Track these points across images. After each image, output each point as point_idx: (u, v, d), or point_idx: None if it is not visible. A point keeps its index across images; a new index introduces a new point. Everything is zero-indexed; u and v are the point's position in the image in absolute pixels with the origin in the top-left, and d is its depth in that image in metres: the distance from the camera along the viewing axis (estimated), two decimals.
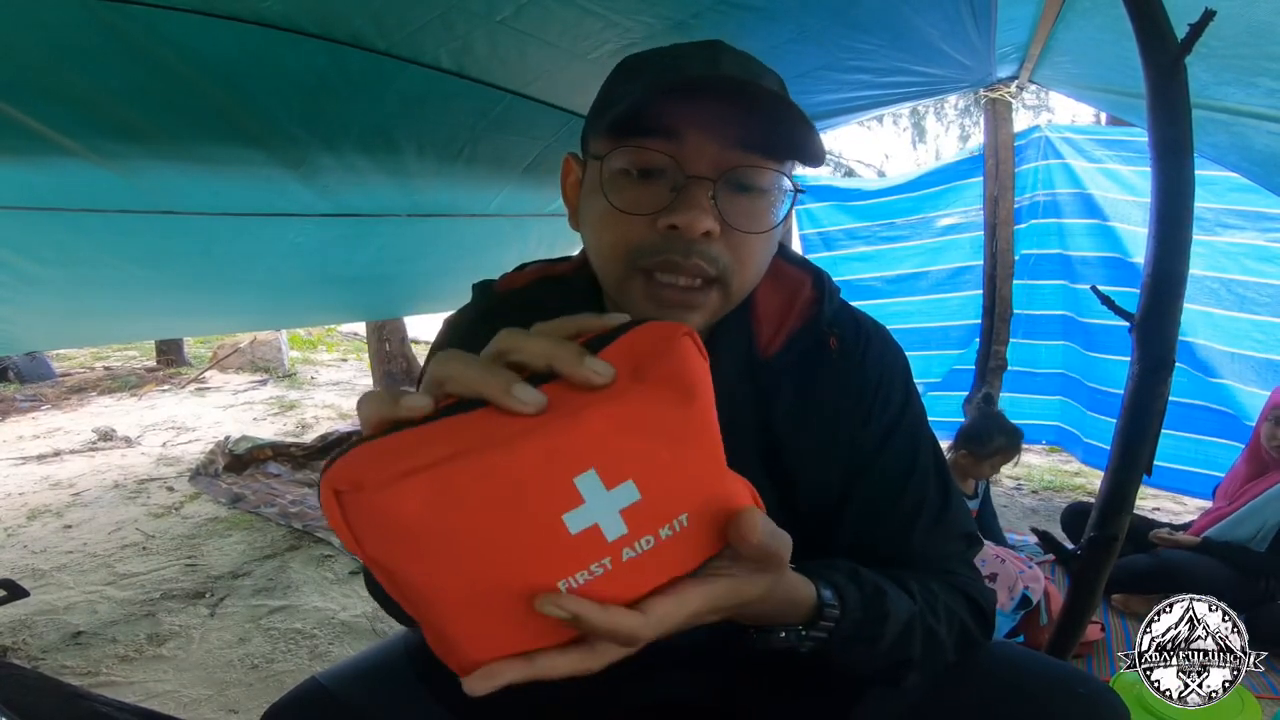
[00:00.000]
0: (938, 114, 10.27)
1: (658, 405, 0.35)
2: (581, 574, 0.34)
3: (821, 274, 0.66)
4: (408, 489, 0.30)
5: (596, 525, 0.34)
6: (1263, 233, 2.50)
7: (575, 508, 0.33)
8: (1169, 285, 1.05)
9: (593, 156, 0.56)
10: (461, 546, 0.32)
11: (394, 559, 0.32)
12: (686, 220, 0.51)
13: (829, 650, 0.51)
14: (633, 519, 0.34)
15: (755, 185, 0.54)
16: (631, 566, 0.35)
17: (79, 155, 1.22)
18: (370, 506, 0.31)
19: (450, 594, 0.33)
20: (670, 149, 0.52)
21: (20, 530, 2.66)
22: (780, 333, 0.63)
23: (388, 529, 0.31)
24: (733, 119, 0.52)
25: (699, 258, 0.52)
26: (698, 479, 0.37)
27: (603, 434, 0.34)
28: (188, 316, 2.50)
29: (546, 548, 0.33)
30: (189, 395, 5.42)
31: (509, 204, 2.08)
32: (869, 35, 1.52)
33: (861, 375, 0.63)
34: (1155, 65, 1.00)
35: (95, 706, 1.30)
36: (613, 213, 0.53)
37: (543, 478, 0.33)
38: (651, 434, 0.35)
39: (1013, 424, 2.18)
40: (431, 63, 1.32)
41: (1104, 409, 3.00)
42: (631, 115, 0.51)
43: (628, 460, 0.34)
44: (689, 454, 0.37)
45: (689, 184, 0.52)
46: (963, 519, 0.64)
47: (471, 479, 0.31)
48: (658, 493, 0.35)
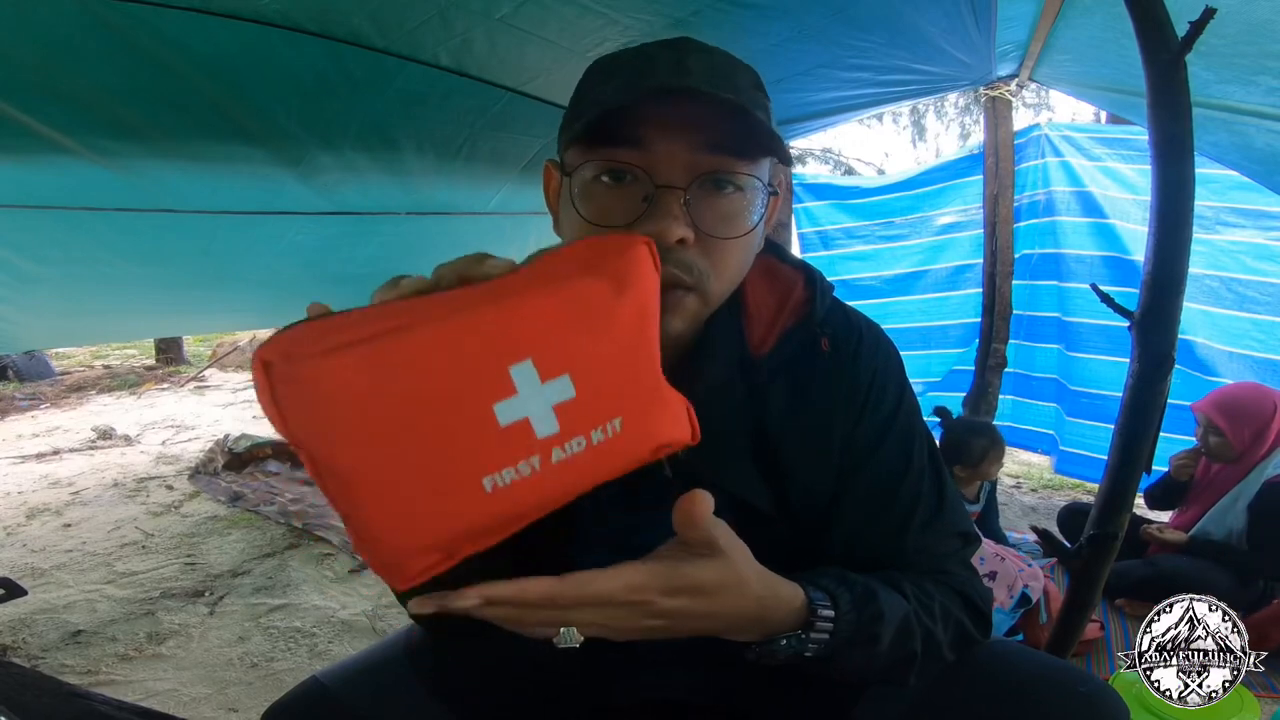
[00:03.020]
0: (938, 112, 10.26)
1: (598, 295, 0.35)
2: (508, 471, 0.33)
3: (814, 273, 0.65)
4: (338, 362, 0.29)
5: (527, 420, 0.33)
6: (1263, 231, 2.49)
7: (507, 398, 0.32)
8: (1169, 283, 1.05)
9: (565, 169, 0.56)
10: (389, 429, 0.30)
11: (319, 438, 0.30)
12: (659, 229, 0.50)
13: (832, 656, 0.51)
14: (565, 416, 0.34)
15: (729, 187, 0.54)
16: (561, 470, 0.34)
17: (77, 154, 1.21)
18: (299, 379, 0.29)
19: (374, 479, 0.31)
20: (638, 158, 0.51)
21: (19, 529, 2.66)
22: (772, 332, 0.63)
23: (315, 404, 0.30)
24: (699, 122, 0.51)
25: (673, 265, 0.51)
26: (635, 381, 0.37)
27: (542, 318, 0.33)
28: (187, 315, 2.51)
29: (474, 438, 0.32)
30: (188, 393, 5.41)
31: (508, 202, 2.08)
32: (869, 33, 1.52)
33: (854, 374, 0.62)
34: (1156, 63, 1.00)
35: (95, 705, 1.31)
36: (585, 225, 0.53)
37: (477, 361, 0.32)
38: (591, 323, 0.35)
39: (982, 421, 2.17)
40: (430, 61, 1.32)
41: (1083, 412, 2.97)
42: (598, 126, 0.51)
43: (566, 353, 0.34)
44: (628, 353, 0.36)
45: (659, 193, 0.51)
46: (959, 518, 0.64)
47: (404, 355, 0.30)
48: (593, 391, 0.34)
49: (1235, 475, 1.97)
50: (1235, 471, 1.97)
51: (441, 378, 0.31)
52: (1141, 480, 1.16)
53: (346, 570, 2.27)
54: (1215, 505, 1.99)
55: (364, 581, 2.19)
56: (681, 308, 0.54)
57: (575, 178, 0.54)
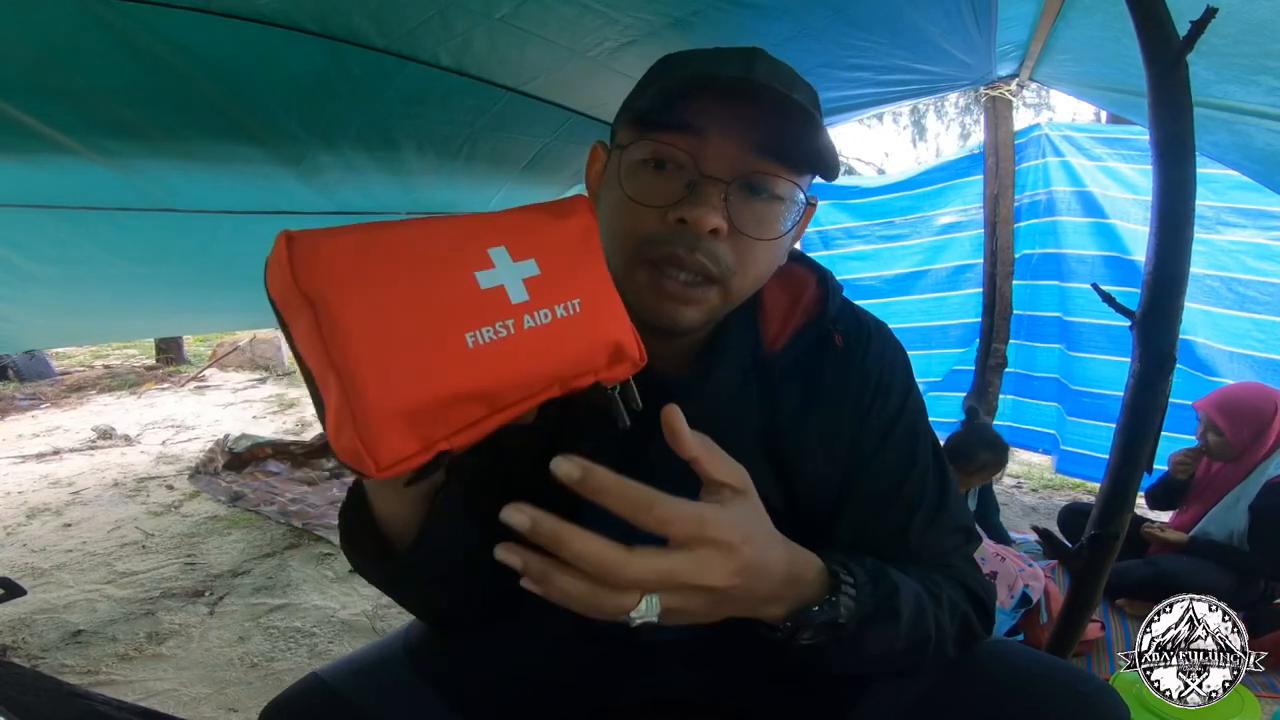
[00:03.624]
0: (938, 112, 10.26)
1: (549, 216, 0.45)
2: (487, 330, 0.38)
3: (826, 273, 0.67)
4: (345, 239, 0.37)
5: (503, 287, 0.40)
6: (1263, 231, 2.49)
7: (486, 269, 0.39)
8: (1170, 282, 1.04)
9: (616, 146, 0.57)
10: (382, 282, 0.36)
11: (321, 284, 0.35)
12: (696, 215, 0.51)
13: (859, 633, 0.50)
14: (534, 288, 0.41)
15: (768, 192, 0.55)
16: (533, 336, 0.40)
17: (78, 153, 1.21)
18: (312, 243, 0.36)
19: (367, 323, 0.36)
20: (690, 146, 0.53)
21: (20, 529, 2.66)
22: (785, 330, 0.64)
23: (321, 259, 0.36)
24: (755, 124, 0.52)
25: (703, 254, 0.53)
26: (588, 274, 0.44)
27: (511, 223, 0.43)
28: (187, 314, 2.51)
29: (458, 296, 0.38)
30: (188, 393, 5.41)
31: (508, 201, 2.07)
32: (869, 33, 1.52)
33: (862, 372, 0.64)
34: (1157, 63, 0.99)
35: (95, 705, 1.30)
36: (627, 202, 0.55)
37: (460, 242, 0.40)
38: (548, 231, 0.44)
39: (998, 437, 2.18)
40: (430, 60, 1.32)
41: (1084, 411, 2.98)
42: (658, 107, 0.52)
43: (531, 244, 0.42)
44: (579, 253, 0.45)
45: (703, 182, 0.52)
46: (961, 514, 0.65)
47: (401, 236, 0.38)
48: (555, 273, 0.42)
49: (1236, 475, 1.96)
50: (1236, 471, 1.97)
51: (431, 248, 0.39)
52: (1143, 480, 1.15)
53: (347, 570, 2.27)
54: (1216, 505, 1.99)
55: (363, 581, 2.17)
56: (703, 300, 0.55)
57: (625, 156, 0.55)
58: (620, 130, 0.58)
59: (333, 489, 3.06)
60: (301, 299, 0.35)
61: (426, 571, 0.55)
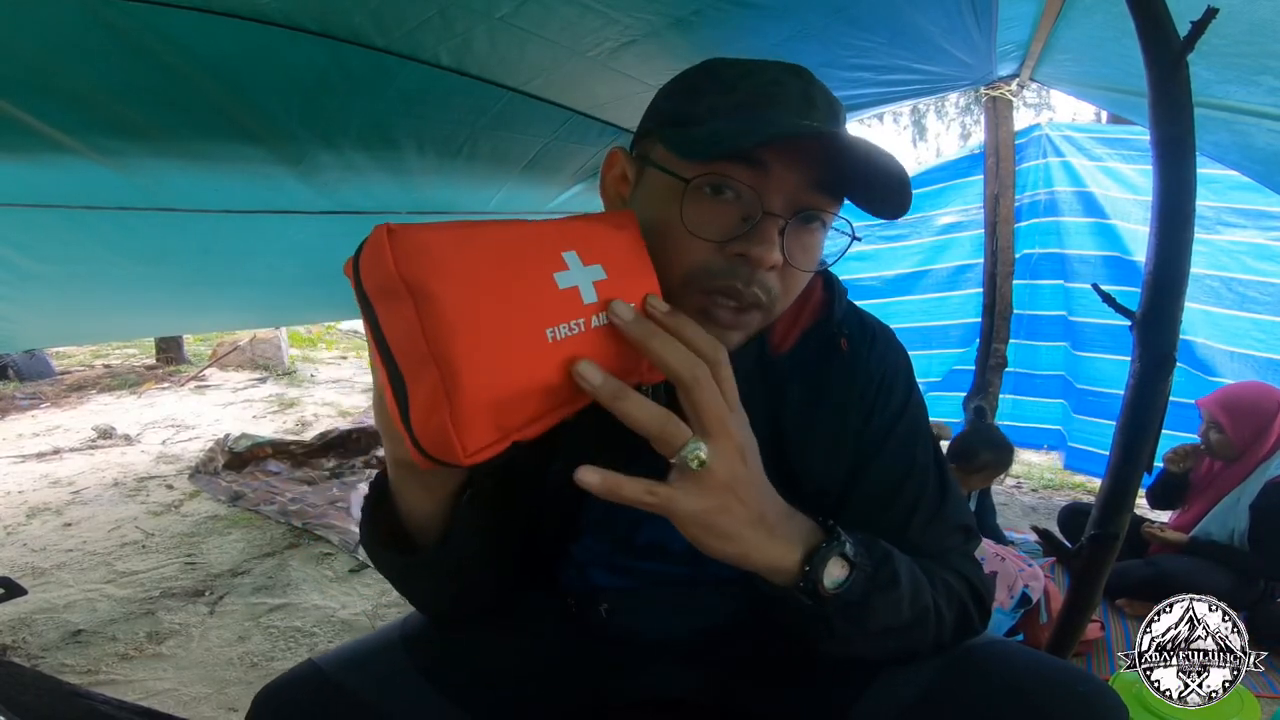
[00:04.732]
0: (938, 112, 10.27)
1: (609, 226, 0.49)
2: (563, 326, 0.42)
3: (831, 275, 0.68)
4: (442, 234, 0.39)
5: (577, 288, 0.43)
6: (1263, 231, 2.49)
7: (562, 270, 0.43)
8: (1171, 282, 1.05)
9: (663, 163, 0.56)
10: (479, 276, 0.39)
11: (426, 274, 0.37)
12: (759, 254, 0.52)
13: (868, 597, 0.51)
14: (601, 291, 0.44)
15: (815, 223, 0.56)
16: (596, 335, 0.44)
17: (78, 152, 1.21)
18: (414, 237, 0.38)
19: (470, 321, 0.38)
20: (754, 180, 0.52)
21: (20, 528, 2.66)
22: (792, 332, 0.65)
23: (425, 251, 0.38)
24: (815, 160, 0.53)
25: (758, 287, 0.54)
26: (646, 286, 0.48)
27: (578, 230, 0.46)
28: (187, 314, 2.51)
29: (540, 295, 0.41)
30: (189, 393, 5.41)
31: (509, 201, 2.08)
32: (869, 33, 1.52)
33: (866, 373, 0.65)
34: (1157, 63, 0.99)
35: (95, 705, 1.31)
36: (682, 229, 0.54)
37: (540, 245, 0.43)
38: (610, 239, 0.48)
39: (1003, 438, 2.18)
40: (431, 60, 1.32)
41: (1090, 410, 2.99)
42: (728, 136, 0.52)
43: (598, 250, 0.46)
44: (635, 262, 0.49)
45: (765, 219, 0.53)
46: (961, 513, 0.66)
47: (490, 236, 0.41)
48: (618, 279, 0.46)
49: (1237, 475, 1.97)
50: (1237, 471, 1.97)
51: (517, 248, 0.42)
52: (1143, 479, 1.15)
53: (346, 570, 2.28)
54: (1217, 505, 1.99)
55: (364, 581, 2.19)
56: (749, 326, 0.57)
57: (681, 179, 0.54)
58: (664, 148, 0.56)
59: (332, 488, 3.07)
60: (404, 289, 0.37)
61: (445, 565, 0.57)
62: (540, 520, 0.66)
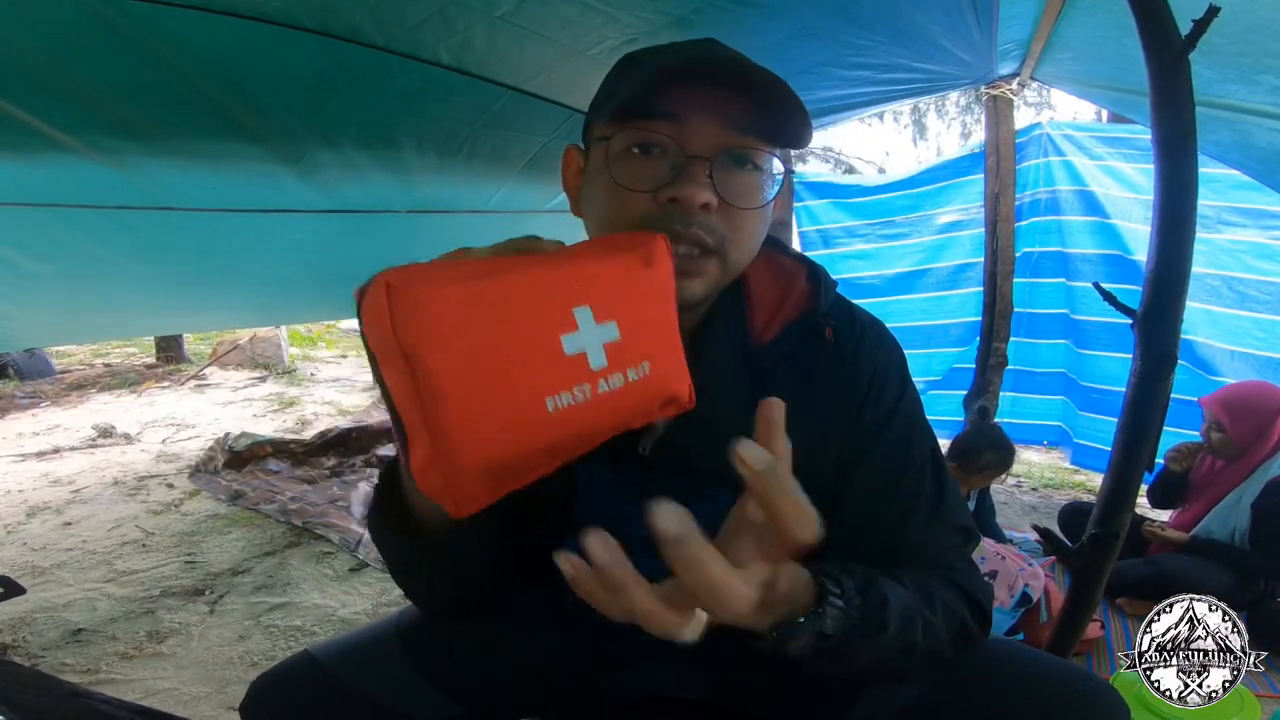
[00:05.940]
0: (939, 111, 10.26)
1: (636, 267, 0.45)
2: (566, 395, 0.40)
3: (817, 267, 0.67)
4: (445, 292, 0.37)
5: (585, 353, 0.41)
6: (1264, 230, 2.49)
7: (571, 332, 0.40)
8: (1172, 281, 1.04)
9: (597, 139, 0.59)
10: (478, 341, 0.37)
11: (421, 344, 0.36)
12: (687, 193, 0.54)
13: (844, 646, 0.49)
14: (612, 354, 0.42)
15: (749, 164, 0.57)
16: (604, 401, 0.41)
17: (77, 151, 1.21)
18: (413, 298, 0.36)
19: (461, 381, 0.37)
20: (672, 130, 0.55)
21: (20, 527, 2.66)
22: (775, 321, 0.64)
23: (422, 317, 0.36)
24: (730, 103, 0.55)
25: (698, 227, 0.55)
26: (661, 335, 0.46)
27: (597, 277, 0.43)
28: (187, 313, 2.50)
29: (544, 360, 0.39)
30: (189, 392, 5.41)
31: (509, 200, 2.08)
32: (870, 31, 1.52)
33: (855, 367, 0.63)
34: (1158, 62, 0.99)
35: (95, 704, 1.31)
36: (617, 189, 0.56)
37: (550, 300, 0.40)
38: (631, 287, 0.44)
39: (1006, 438, 2.17)
40: (431, 59, 1.32)
41: (1095, 407, 3.00)
42: (638, 98, 0.54)
43: (614, 305, 0.42)
44: (656, 312, 0.46)
45: (689, 162, 0.55)
46: (958, 512, 0.64)
47: (496, 292, 0.38)
48: (632, 337, 0.43)
49: (1239, 474, 1.97)
50: (1239, 470, 1.97)
51: (523, 308, 0.39)
52: (1144, 478, 1.15)
53: (346, 569, 2.27)
54: (1218, 504, 1.99)
55: (364, 580, 2.19)
56: (703, 272, 0.57)
57: (610, 147, 0.57)
58: (597, 126, 0.60)
59: (333, 487, 3.06)
60: (400, 354, 0.36)
61: (449, 551, 0.57)
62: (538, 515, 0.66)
